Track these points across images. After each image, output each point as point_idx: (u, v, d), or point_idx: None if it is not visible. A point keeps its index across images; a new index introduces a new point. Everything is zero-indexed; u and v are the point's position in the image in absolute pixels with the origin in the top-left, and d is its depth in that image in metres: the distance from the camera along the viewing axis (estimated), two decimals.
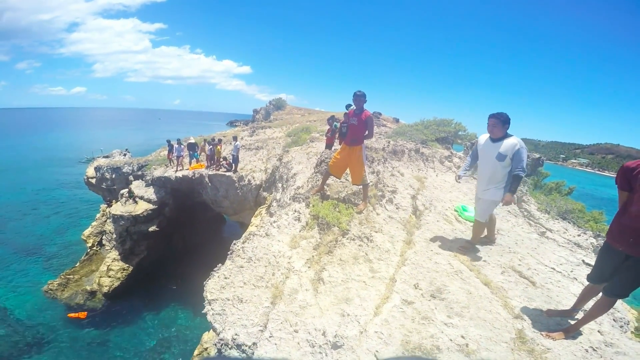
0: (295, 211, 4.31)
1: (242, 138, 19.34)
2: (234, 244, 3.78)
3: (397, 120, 17.00)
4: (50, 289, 15.80)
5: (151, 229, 15.84)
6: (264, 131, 22.12)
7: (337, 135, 9.65)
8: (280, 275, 3.39)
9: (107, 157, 22.49)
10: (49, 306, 15.58)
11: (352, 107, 4.37)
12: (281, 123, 25.59)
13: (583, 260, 4.07)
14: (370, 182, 4.61)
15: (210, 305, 3.16)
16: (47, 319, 14.87)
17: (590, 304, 2.74)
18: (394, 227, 4.32)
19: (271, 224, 4.09)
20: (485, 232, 4.11)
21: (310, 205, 4.37)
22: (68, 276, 16.48)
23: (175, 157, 15.49)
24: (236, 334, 2.73)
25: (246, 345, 2.65)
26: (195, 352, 9.95)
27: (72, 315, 14.82)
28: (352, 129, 4.29)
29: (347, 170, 4.78)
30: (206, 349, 9.30)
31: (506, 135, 3.41)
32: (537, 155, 6.66)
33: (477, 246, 3.97)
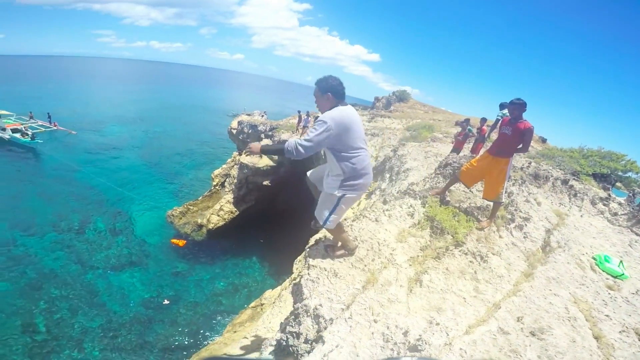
0: (410, 206, 4.21)
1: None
2: (345, 219, 3.98)
3: (543, 140, 14.33)
4: (172, 214, 18.83)
5: (265, 182, 18.07)
6: (382, 120, 21.97)
7: (467, 141, 8.90)
8: (379, 263, 3.41)
9: (248, 115, 26.31)
10: (162, 229, 18.77)
11: (505, 114, 3.90)
12: (401, 115, 24.88)
13: None
14: (504, 201, 4.12)
15: (308, 270, 3.29)
16: (155, 239, 17.88)
17: None
18: (515, 255, 3.87)
19: (383, 211, 4.12)
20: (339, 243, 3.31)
21: (427, 205, 4.20)
22: (189, 206, 19.52)
23: (302, 127, 17.04)
24: (320, 305, 2.77)
25: (323, 319, 2.67)
26: (252, 304, 11.00)
27: (173, 241, 17.22)
28: (503, 139, 3.81)
29: (477, 181, 4.38)
30: (262, 304, 10.18)
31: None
32: None
33: (603, 300, 3.34)
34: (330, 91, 2.44)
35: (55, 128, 33.54)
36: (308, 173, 3.13)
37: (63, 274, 14.75)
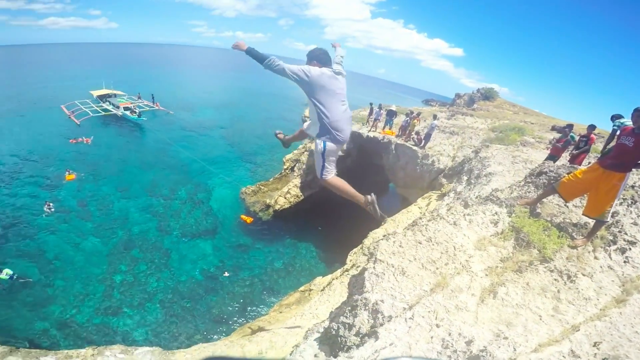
0: (494, 213, 4.00)
1: (438, 119, 18.75)
2: (420, 218, 3.98)
3: None
4: (245, 192, 20.26)
5: None
6: (463, 118, 20.50)
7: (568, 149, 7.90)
8: (452, 268, 3.33)
9: None
10: (235, 204, 20.24)
11: (624, 123, 3.40)
12: (486, 114, 22.84)
13: None
14: (608, 221, 3.65)
15: (374, 263, 3.29)
16: (227, 213, 19.35)
17: None
18: (609, 279, 3.48)
19: (463, 215, 4.00)
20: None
21: (514, 215, 3.95)
22: (261, 186, 20.80)
23: (373, 119, 16.88)
24: (381, 300, 2.74)
25: (382, 315, 2.62)
26: (301, 288, 11.26)
27: (243, 217, 18.44)
28: (621, 151, 3.34)
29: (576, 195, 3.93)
30: (310, 290, 10.39)
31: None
32: None
33: None
34: (315, 59, 2.91)
35: (157, 108, 39.10)
36: (304, 125, 3.45)
37: (146, 237, 16.82)
